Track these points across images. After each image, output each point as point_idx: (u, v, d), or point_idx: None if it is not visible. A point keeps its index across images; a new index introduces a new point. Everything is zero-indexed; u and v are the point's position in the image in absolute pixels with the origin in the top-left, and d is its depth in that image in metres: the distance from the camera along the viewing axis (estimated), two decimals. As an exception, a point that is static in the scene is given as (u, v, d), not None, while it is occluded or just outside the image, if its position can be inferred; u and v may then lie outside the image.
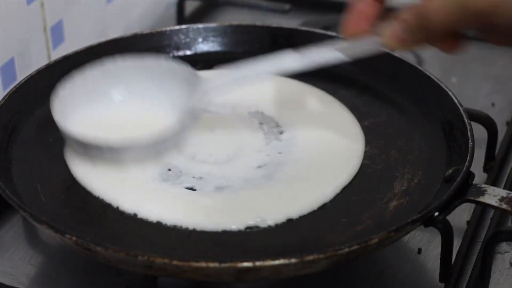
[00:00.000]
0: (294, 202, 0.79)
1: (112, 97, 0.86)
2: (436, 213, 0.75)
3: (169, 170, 0.83)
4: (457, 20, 0.71)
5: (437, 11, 0.71)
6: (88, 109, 0.85)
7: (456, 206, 0.77)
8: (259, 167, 0.84)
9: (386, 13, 0.77)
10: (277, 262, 0.70)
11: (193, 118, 0.82)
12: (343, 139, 0.88)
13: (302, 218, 0.79)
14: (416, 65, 0.95)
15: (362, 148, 0.87)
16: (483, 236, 0.86)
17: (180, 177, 0.82)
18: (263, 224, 0.77)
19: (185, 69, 0.85)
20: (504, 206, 0.75)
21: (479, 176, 0.89)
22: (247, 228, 0.77)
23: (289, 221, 0.78)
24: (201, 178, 0.82)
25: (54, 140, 0.86)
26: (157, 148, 0.81)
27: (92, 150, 0.80)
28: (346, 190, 0.82)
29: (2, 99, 0.88)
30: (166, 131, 0.81)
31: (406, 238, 0.85)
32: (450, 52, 0.76)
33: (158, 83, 0.86)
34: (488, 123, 0.92)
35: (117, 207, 0.79)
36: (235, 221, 0.77)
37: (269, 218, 0.78)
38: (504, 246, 0.85)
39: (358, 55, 0.80)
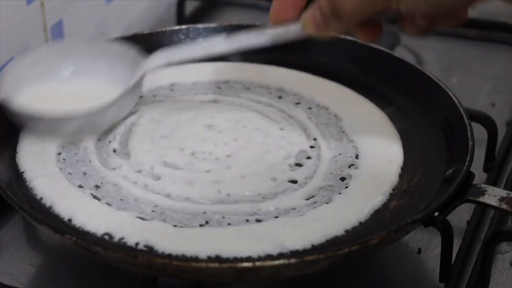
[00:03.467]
0: (306, 234, 0.76)
1: (59, 74, 0.91)
2: (436, 213, 0.75)
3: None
4: (367, 7, 0.72)
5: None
6: (36, 86, 0.89)
7: (456, 206, 0.77)
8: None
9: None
10: (277, 262, 0.70)
11: (132, 96, 0.88)
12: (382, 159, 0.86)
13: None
14: (416, 65, 0.95)
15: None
16: (483, 236, 0.86)
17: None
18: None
19: (129, 51, 0.90)
20: (504, 206, 0.75)
21: (479, 176, 0.89)
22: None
23: None
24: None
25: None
26: (93, 120, 0.85)
27: (33, 122, 0.84)
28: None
29: (2, 99, 0.88)
30: (102, 104, 0.85)
31: (406, 238, 0.85)
32: (367, 41, 0.78)
33: (104, 64, 0.91)
34: (488, 123, 0.92)
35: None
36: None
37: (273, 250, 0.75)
38: (504, 246, 0.85)
39: (283, 40, 0.82)
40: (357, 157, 0.86)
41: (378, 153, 0.86)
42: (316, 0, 0.76)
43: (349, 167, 0.85)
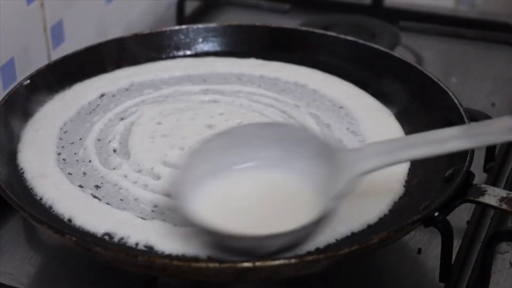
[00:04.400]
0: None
1: (236, 168, 0.76)
2: (436, 213, 0.75)
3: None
4: None
5: None
6: (211, 184, 0.75)
7: (456, 206, 0.77)
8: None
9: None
10: (277, 262, 0.70)
11: (338, 202, 0.71)
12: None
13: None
14: (416, 65, 0.95)
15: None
16: (483, 236, 0.86)
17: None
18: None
19: (321, 140, 0.76)
20: (504, 206, 0.75)
21: (479, 176, 0.89)
22: None
23: None
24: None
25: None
26: (298, 237, 0.70)
27: (223, 240, 0.70)
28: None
29: (2, 99, 0.88)
30: (310, 221, 0.69)
31: (406, 238, 0.85)
32: None
33: (288, 153, 0.76)
34: (488, 123, 0.92)
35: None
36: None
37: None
38: (504, 246, 0.85)
39: None
40: None
41: None
42: None
43: None
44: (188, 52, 1.03)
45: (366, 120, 0.91)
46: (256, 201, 0.75)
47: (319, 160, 0.74)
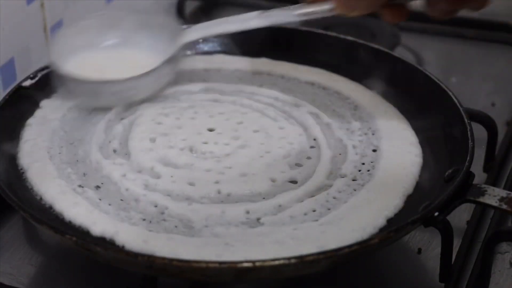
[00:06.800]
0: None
1: (103, 44, 0.95)
2: (436, 213, 0.75)
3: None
4: None
5: None
6: (82, 54, 0.93)
7: (456, 206, 0.77)
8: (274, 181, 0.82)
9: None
10: (277, 262, 0.70)
11: (170, 66, 0.92)
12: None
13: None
14: (416, 65, 0.95)
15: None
16: (483, 236, 0.86)
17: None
18: None
19: (171, 23, 0.95)
20: (504, 206, 0.75)
21: (479, 176, 0.89)
22: None
23: None
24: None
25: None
26: (132, 86, 0.91)
27: (76, 85, 0.90)
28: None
29: (2, 99, 0.88)
30: (141, 73, 0.90)
31: (406, 238, 0.85)
32: (392, 21, 0.81)
33: (147, 35, 0.95)
34: (488, 123, 0.92)
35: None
36: None
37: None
38: (504, 246, 0.85)
39: (313, 18, 0.85)
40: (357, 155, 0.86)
41: (389, 153, 0.86)
42: None
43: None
44: (188, 52, 1.03)
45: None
46: (113, 67, 0.93)
47: (167, 40, 0.93)
